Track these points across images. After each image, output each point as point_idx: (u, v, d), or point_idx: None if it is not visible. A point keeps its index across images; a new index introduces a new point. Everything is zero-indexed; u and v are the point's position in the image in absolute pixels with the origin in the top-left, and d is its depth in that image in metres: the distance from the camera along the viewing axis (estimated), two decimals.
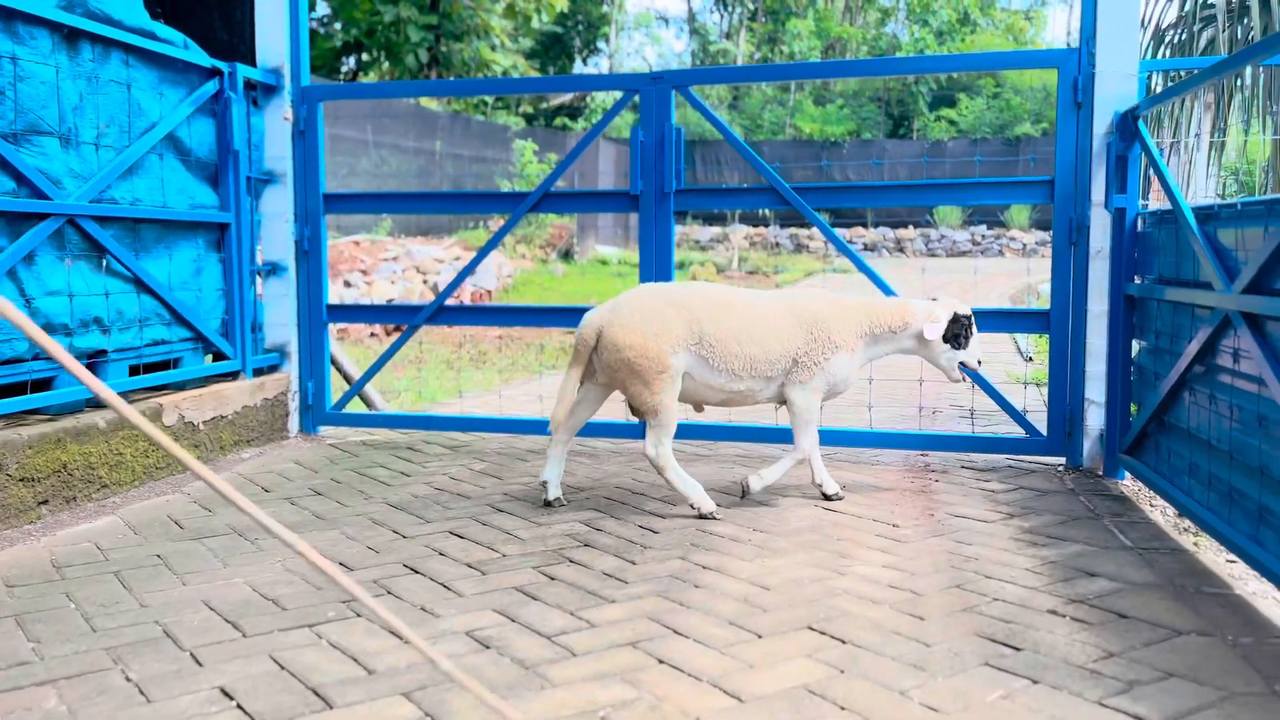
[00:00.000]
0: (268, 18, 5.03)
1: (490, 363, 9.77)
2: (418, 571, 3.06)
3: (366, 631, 2.57)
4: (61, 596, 2.87)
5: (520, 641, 2.50)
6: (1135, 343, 4.23)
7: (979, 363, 3.96)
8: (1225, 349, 3.15)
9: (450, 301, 5.32)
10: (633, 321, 3.60)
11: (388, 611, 1.29)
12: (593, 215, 21.61)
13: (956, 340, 3.87)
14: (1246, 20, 7.98)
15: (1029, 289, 14.92)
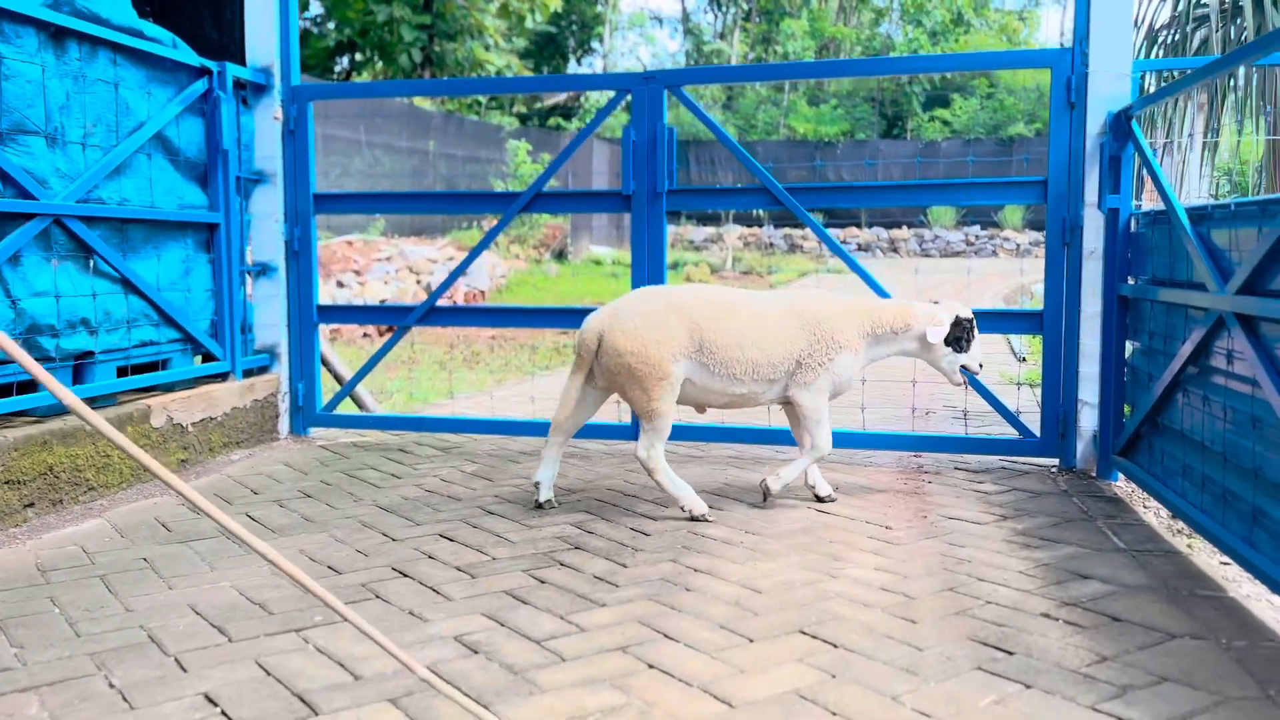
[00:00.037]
0: (257, 17, 5.00)
1: (483, 363, 9.74)
2: (407, 575, 3.04)
3: (354, 637, 2.54)
4: (46, 601, 2.83)
5: (509, 646, 2.48)
6: (1129, 344, 4.22)
7: (980, 366, 3.95)
8: (1219, 350, 3.13)
9: (443, 302, 5.30)
10: (634, 326, 3.58)
11: (359, 618, 1.26)
12: (586, 215, 21.58)
13: (958, 343, 3.86)
14: (1240, 20, 7.99)
15: (1022, 289, 14.93)
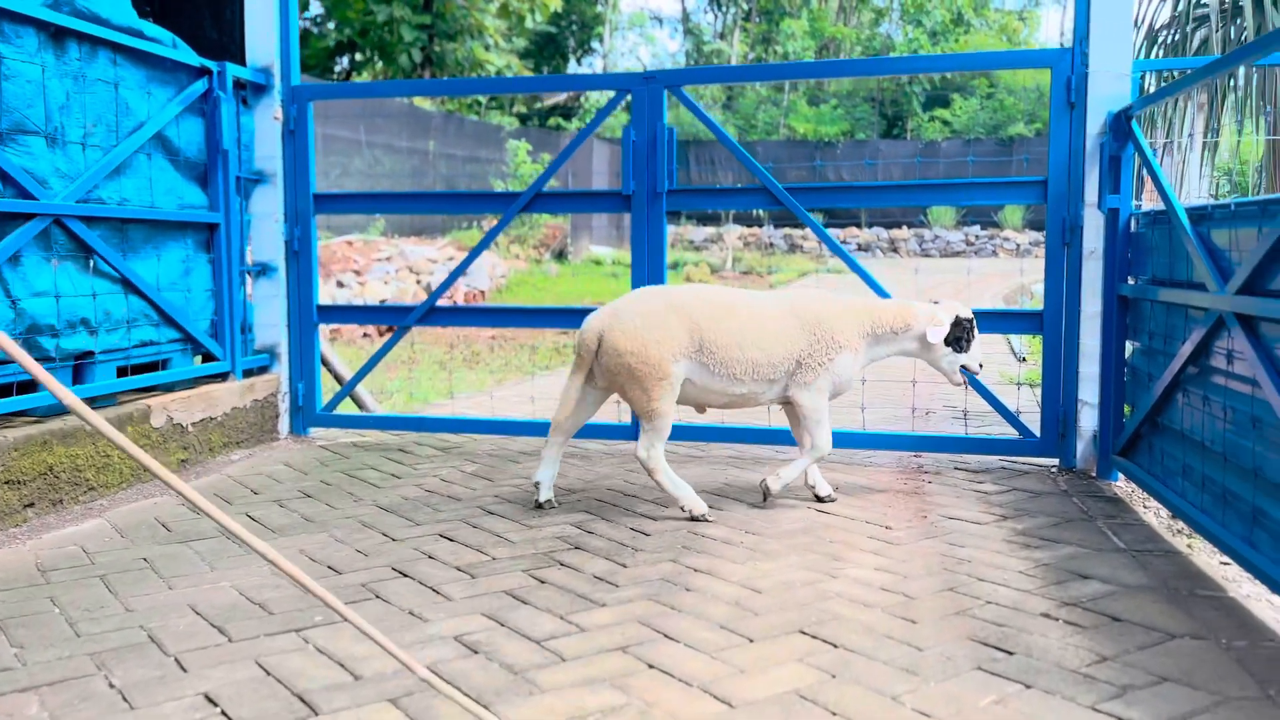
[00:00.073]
0: (257, 17, 5.00)
1: (483, 363, 9.74)
2: (406, 575, 3.04)
3: (354, 637, 2.54)
4: (46, 601, 2.83)
5: (509, 646, 2.48)
6: (1129, 344, 4.22)
7: (980, 366, 3.95)
8: (1219, 350, 3.13)
9: (443, 302, 5.30)
10: (634, 326, 3.58)
11: (358, 617, 1.26)
12: (587, 215, 21.59)
13: (958, 344, 3.86)
14: (1240, 20, 7.99)
15: (1022, 289, 14.93)
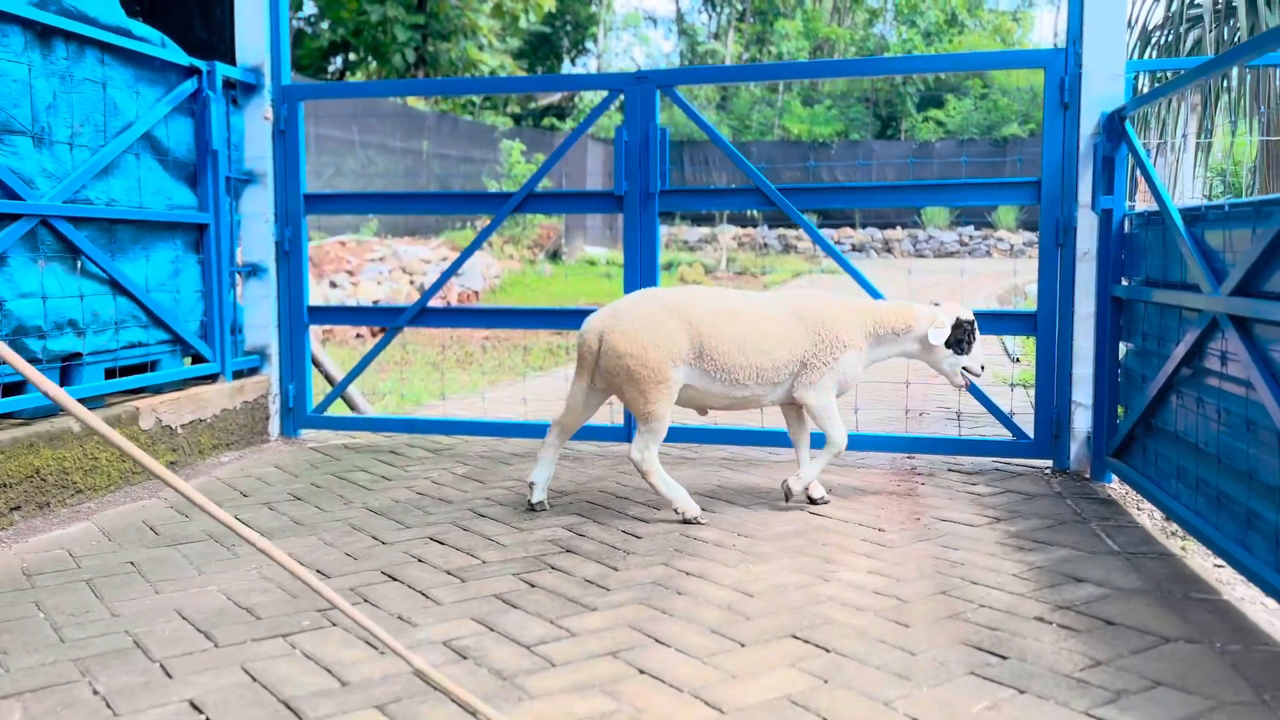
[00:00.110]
0: (248, 16, 4.97)
1: (476, 365, 9.70)
2: (396, 579, 3.01)
3: (341, 642, 2.51)
4: (31, 605, 2.80)
5: (498, 651, 2.46)
6: (1122, 345, 4.20)
7: (981, 368, 3.93)
8: (1213, 351, 3.12)
9: (436, 302, 5.27)
10: (634, 329, 3.56)
11: (368, 619, 1.24)
12: (581, 216, 21.56)
13: (959, 345, 3.85)
14: (1233, 21, 7.99)
15: (1016, 290, 14.93)
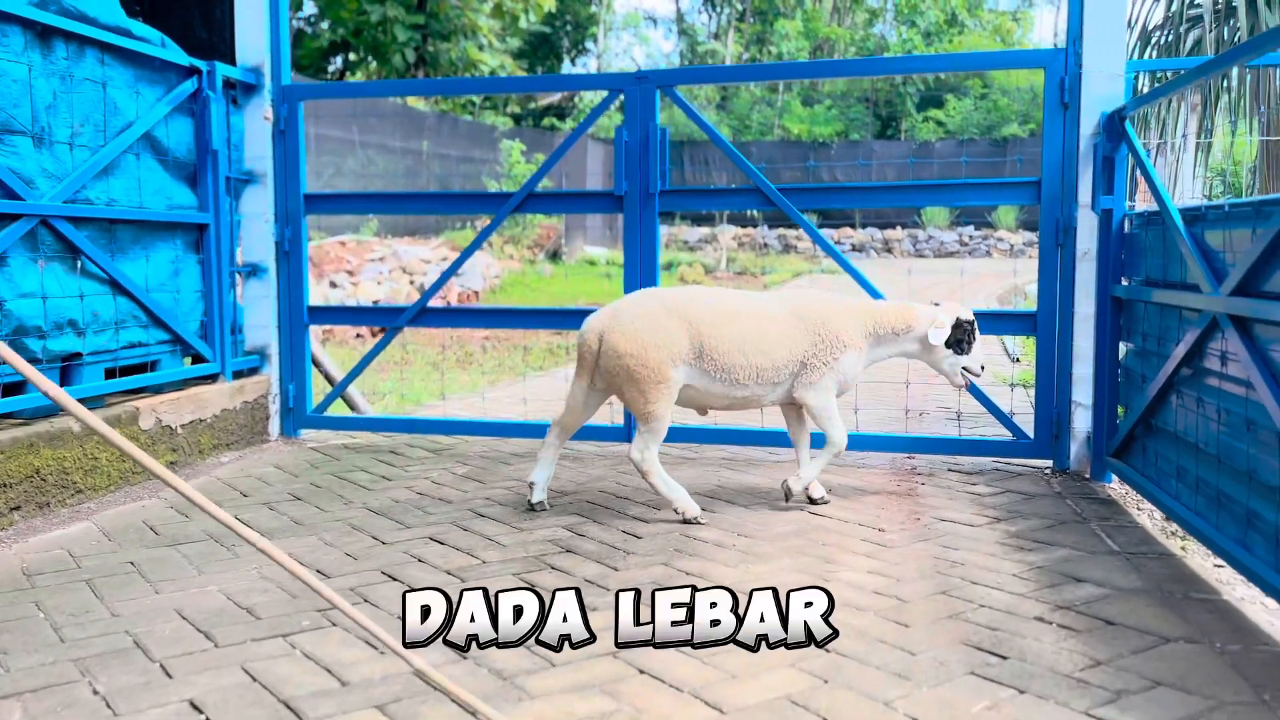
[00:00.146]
0: (248, 16, 4.97)
1: (476, 364, 9.71)
2: (395, 579, 3.01)
3: (341, 642, 2.51)
4: (31, 605, 2.80)
5: (498, 651, 2.45)
6: (1122, 345, 4.20)
7: (982, 368, 3.93)
8: (1213, 352, 3.12)
9: (436, 302, 5.27)
10: (634, 329, 3.56)
11: (367, 619, 1.24)
12: (581, 216, 21.56)
13: (959, 345, 3.84)
14: (1233, 21, 8.00)
15: (1016, 290, 14.92)
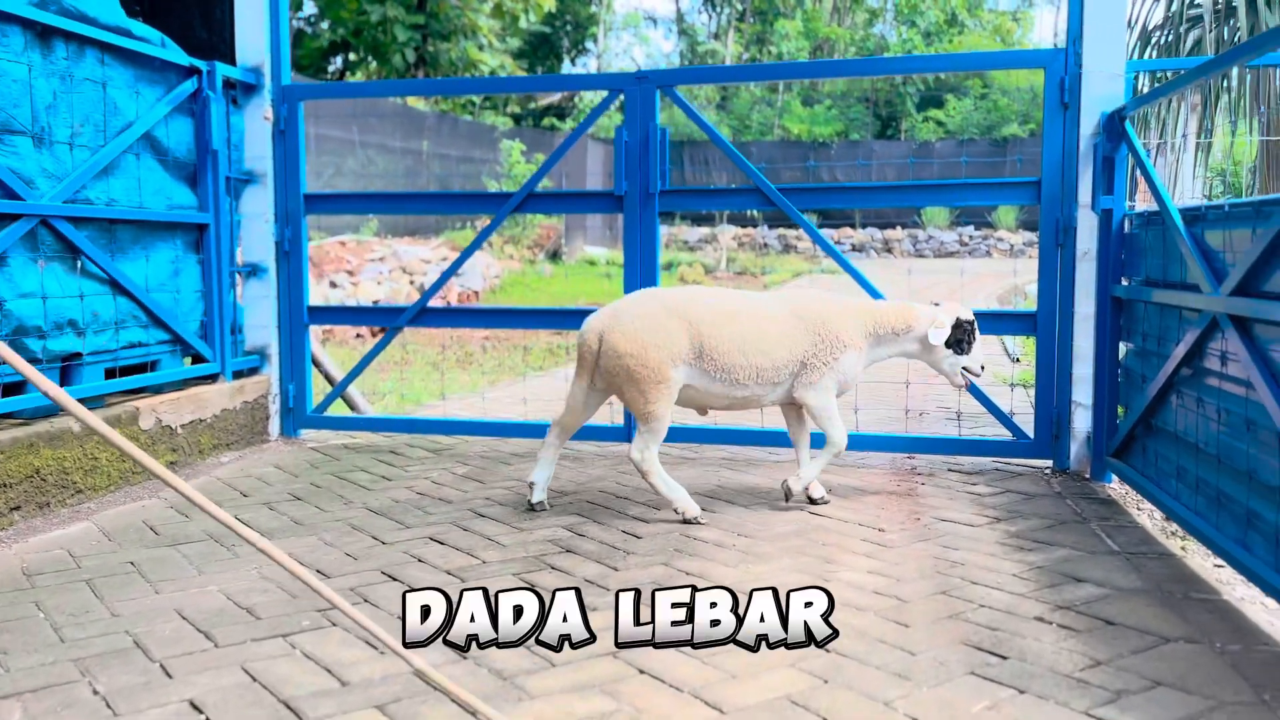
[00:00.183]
0: (248, 16, 4.97)
1: (476, 364, 9.70)
2: (395, 579, 3.01)
3: (341, 642, 2.51)
4: (31, 605, 2.80)
5: (498, 651, 2.45)
6: (1122, 345, 4.20)
7: (982, 368, 3.93)
8: (1213, 352, 3.12)
9: (436, 303, 5.27)
10: (634, 329, 3.56)
11: (367, 619, 1.24)
12: (581, 216, 21.55)
13: (959, 345, 3.84)
14: (1233, 21, 7.99)
15: (1016, 290, 14.92)
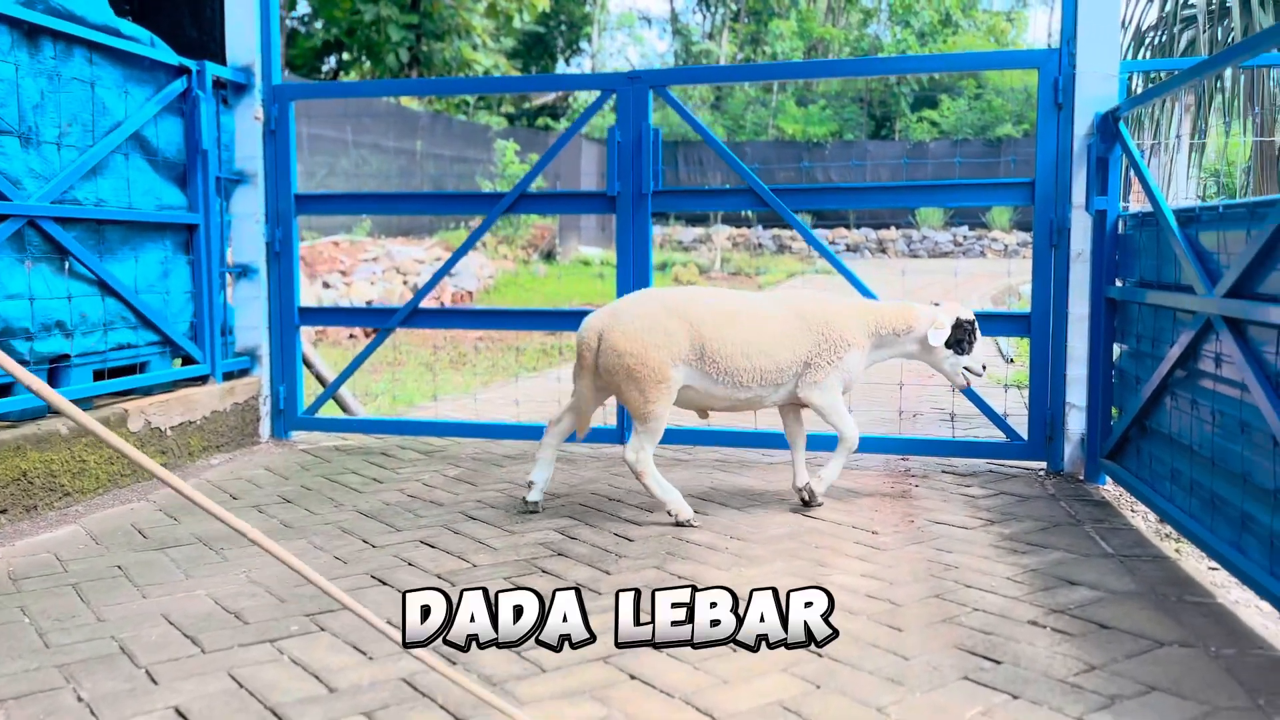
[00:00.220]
0: (238, 15, 4.93)
1: (469, 365, 9.67)
2: (385, 583, 2.98)
3: (329, 647, 2.49)
4: (16, 610, 2.77)
5: (487, 656, 2.43)
6: (1116, 346, 4.19)
7: (983, 369, 3.91)
8: (1207, 353, 3.11)
9: (429, 303, 5.24)
10: (634, 328, 3.53)
11: (370, 613, 1.21)
12: (575, 216, 21.52)
13: (959, 345, 3.83)
14: (1227, 22, 8.00)
15: (1010, 290, 14.94)
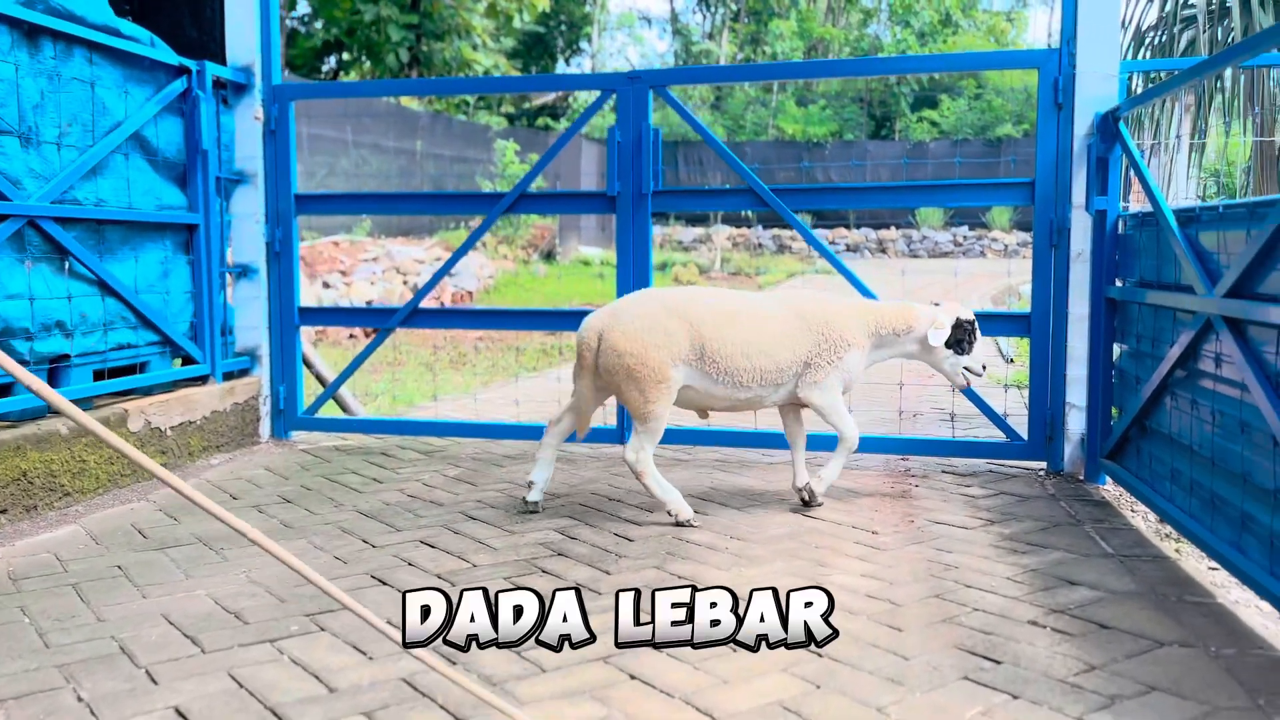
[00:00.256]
0: (238, 15, 4.93)
1: (469, 365, 9.67)
2: (385, 583, 2.98)
3: (329, 647, 2.49)
4: (16, 610, 2.77)
5: (487, 656, 2.43)
6: (1116, 346, 4.19)
7: (984, 369, 3.91)
8: (1207, 353, 3.11)
9: (429, 303, 5.24)
10: (634, 328, 3.53)
11: (371, 613, 1.21)
12: (575, 216, 21.52)
13: (960, 345, 3.83)
14: (1227, 22, 8.00)
15: (1010, 290, 14.94)
